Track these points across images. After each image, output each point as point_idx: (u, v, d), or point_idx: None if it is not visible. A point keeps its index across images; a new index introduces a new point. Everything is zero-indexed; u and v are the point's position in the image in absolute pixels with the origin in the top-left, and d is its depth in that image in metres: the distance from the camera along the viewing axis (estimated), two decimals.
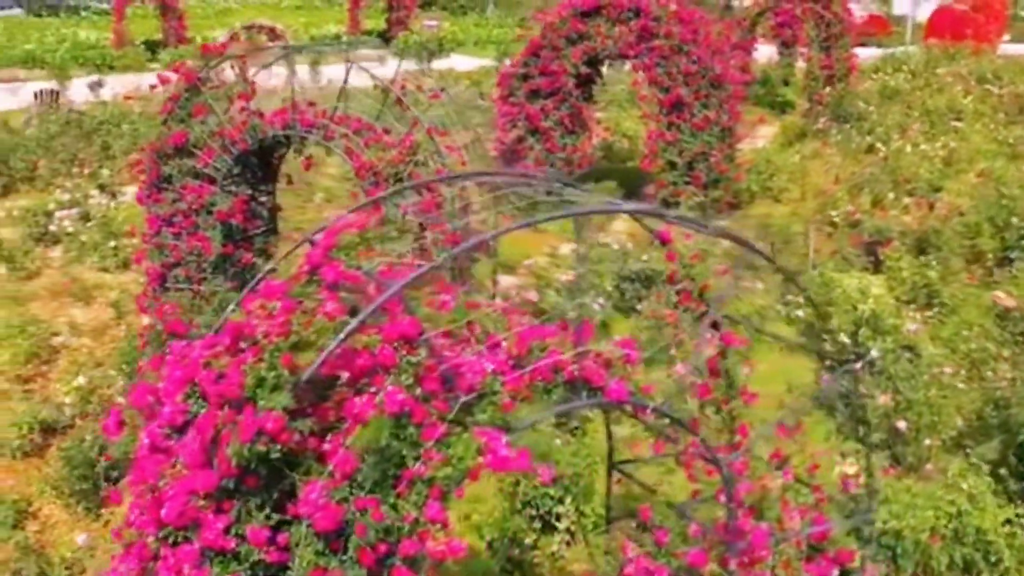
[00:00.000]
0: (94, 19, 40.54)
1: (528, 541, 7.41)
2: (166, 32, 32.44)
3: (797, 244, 12.98)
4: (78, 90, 22.90)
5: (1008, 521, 6.98)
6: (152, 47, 31.97)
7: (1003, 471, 7.62)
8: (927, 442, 8.16)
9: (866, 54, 30.32)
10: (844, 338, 9.42)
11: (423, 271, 3.54)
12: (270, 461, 3.42)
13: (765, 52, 27.05)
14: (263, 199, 9.77)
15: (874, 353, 8.71)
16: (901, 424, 8.12)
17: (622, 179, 16.58)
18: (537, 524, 7.51)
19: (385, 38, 35.21)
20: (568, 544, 7.51)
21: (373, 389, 3.54)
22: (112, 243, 12.87)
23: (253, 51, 15.06)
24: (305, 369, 3.45)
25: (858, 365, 8.70)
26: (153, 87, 8.94)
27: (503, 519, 7.39)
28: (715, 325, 5.30)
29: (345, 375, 3.61)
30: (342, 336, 3.41)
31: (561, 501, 7.49)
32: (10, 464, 8.60)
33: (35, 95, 21.24)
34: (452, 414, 3.58)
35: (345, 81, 8.90)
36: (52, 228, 13.65)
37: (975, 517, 6.76)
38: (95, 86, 22.63)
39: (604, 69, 16.56)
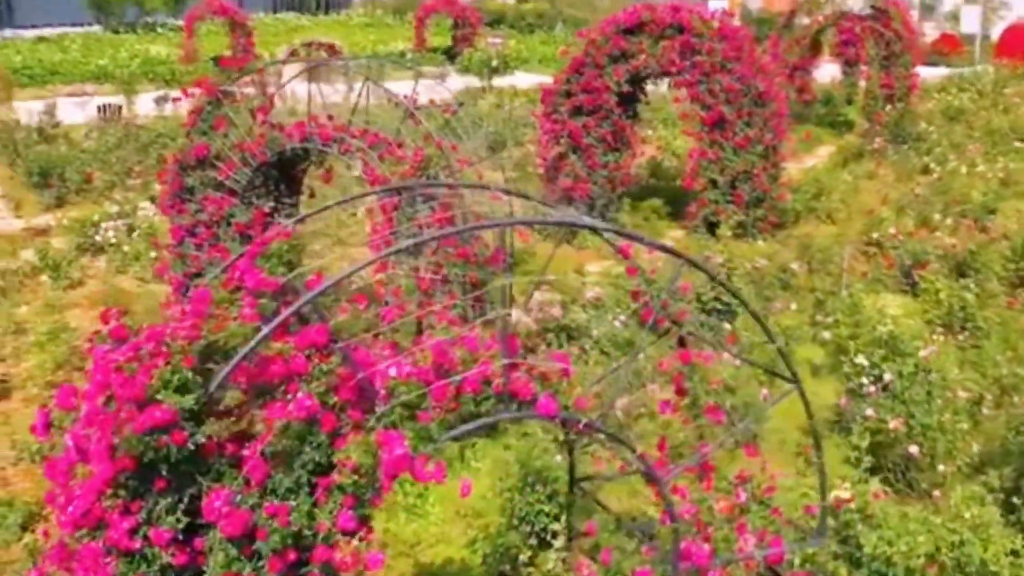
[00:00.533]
0: (169, 36, 41.42)
1: (523, 557, 7.36)
2: (234, 48, 33.03)
3: (836, 265, 12.76)
4: (145, 104, 23.40)
5: (1015, 552, 6.76)
6: (217, 62, 32.56)
7: (1016, 500, 7.39)
8: (941, 468, 7.95)
9: (934, 73, 29.88)
10: (863, 360, 9.23)
11: (337, 279, 3.54)
12: (176, 464, 3.44)
13: (830, 71, 26.79)
14: (286, 211, 9.87)
15: (887, 376, 8.52)
16: (913, 449, 7.92)
17: (669, 197, 16.54)
18: (533, 541, 7.46)
19: (450, 55, 35.50)
20: (564, 562, 7.44)
21: (289, 396, 3.56)
22: (153, 254, 13.10)
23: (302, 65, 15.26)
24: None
25: (872, 388, 8.56)
26: (176, 99, 9.10)
27: (498, 535, 7.36)
28: (682, 342, 5.22)
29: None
30: (252, 343, 3.43)
31: (557, 518, 7.43)
32: (29, 468, 8.77)
33: (99, 109, 21.77)
34: (370, 423, 3.59)
35: (359, 95, 8.96)
36: (98, 239, 13.93)
37: (977, 547, 6.56)
38: (161, 100, 23.12)
39: (653, 87, 16.47)
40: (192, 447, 3.44)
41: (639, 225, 15.58)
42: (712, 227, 14.44)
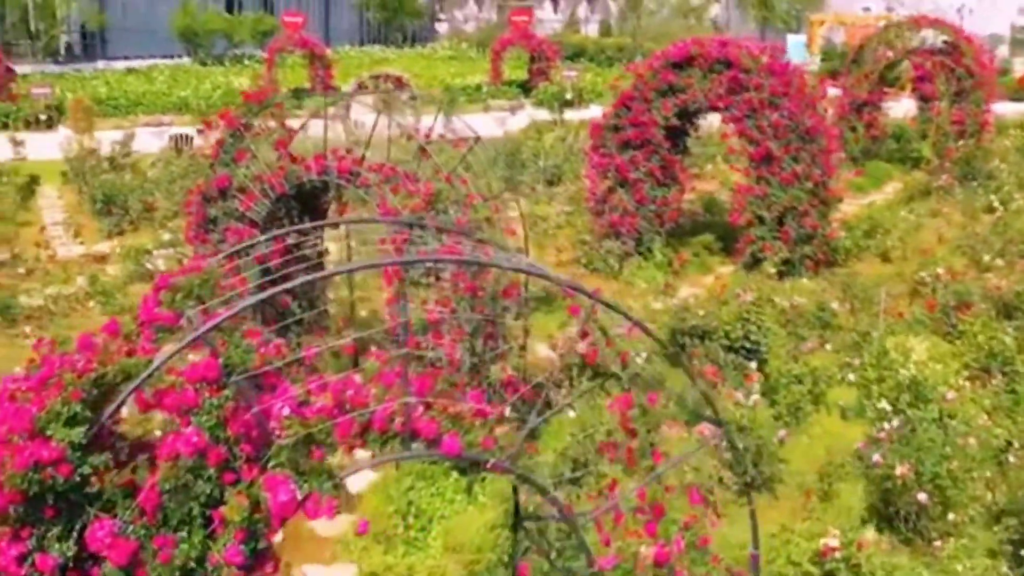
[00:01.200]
0: (255, 67, 42.41)
1: None
2: (313, 80, 33.72)
3: (881, 305, 12.48)
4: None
5: None
6: (299, 95, 33.21)
7: None
8: (951, 517, 7.69)
9: (1017, 110, 29.18)
10: (885, 404, 9.01)
11: (226, 316, 3.58)
12: (64, 494, 3.50)
13: (908, 106, 26.29)
14: (310, 243, 10.01)
15: (895, 422, 8.29)
16: (922, 496, 7.68)
17: (723, 232, 16.36)
18: None
19: (526, 88, 35.73)
20: None
21: (185, 430, 3.60)
22: None
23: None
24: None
25: (882, 433, 8.35)
26: (200, 131, 9.31)
27: (487, 570, 7.33)
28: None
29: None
30: (143, 376, 3.49)
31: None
32: None
33: (171, 139, 22.35)
34: (265, 458, 3.61)
35: (373, 128, 9.07)
36: (149, 266, 14.26)
37: None
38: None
39: (707, 121, 16.39)
40: (79, 478, 3.50)
41: (689, 260, 15.47)
42: (758, 263, 14.25)
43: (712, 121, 16.91)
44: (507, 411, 4.17)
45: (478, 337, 8.57)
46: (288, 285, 4.27)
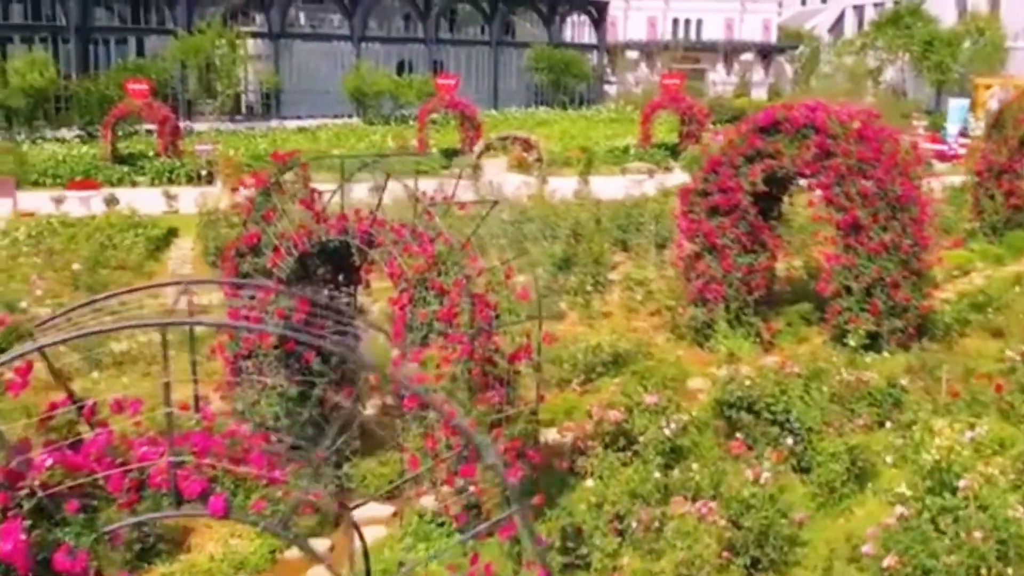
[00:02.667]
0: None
1: None
2: (463, 140, 34.57)
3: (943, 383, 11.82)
4: (359, 191, 24.71)
5: None
6: (448, 154, 34.08)
7: None
8: None
9: None
10: (905, 490, 8.51)
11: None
12: None
13: None
14: (344, 300, 10.27)
15: (899, 509, 7.82)
16: None
17: (819, 301, 15.82)
18: None
19: (674, 151, 35.62)
20: None
21: None
22: None
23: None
24: None
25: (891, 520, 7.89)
26: (234, 190, 9.70)
27: None
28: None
29: None
30: None
31: None
32: None
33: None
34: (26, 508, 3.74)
35: (383, 189, 9.26)
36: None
37: None
38: (375, 189, 24.31)
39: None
40: None
41: (782, 330, 15.05)
42: (845, 336, 13.71)
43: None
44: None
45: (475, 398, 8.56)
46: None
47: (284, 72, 49.93)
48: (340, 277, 10.21)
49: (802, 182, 14.99)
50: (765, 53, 69.34)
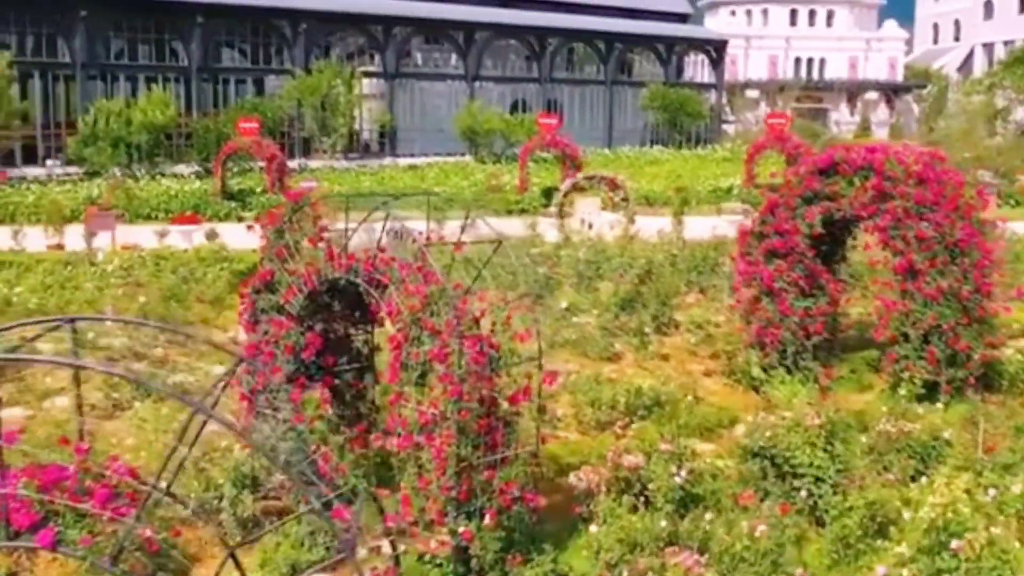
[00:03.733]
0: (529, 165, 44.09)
1: None
2: (564, 179, 34.64)
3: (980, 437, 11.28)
4: (450, 227, 24.83)
5: None
6: (548, 192, 34.18)
7: None
8: None
9: None
10: (903, 549, 8.14)
11: None
12: None
13: None
14: (360, 336, 10.40)
15: (880, 570, 7.48)
16: None
17: (883, 347, 15.30)
18: None
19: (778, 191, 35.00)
20: None
21: None
22: None
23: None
24: None
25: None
26: (250, 227, 9.93)
27: None
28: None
29: None
30: None
31: None
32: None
33: (389, 232, 23.49)
34: None
35: (383, 229, 9.35)
36: None
37: None
38: (465, 227, 24.42)
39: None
40: None
41: (844, 377, 14.62)
42: (900, 384, 13.23)
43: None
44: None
45: (466, 440, 8.54)
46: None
47: (399, 110, 50.93)
48: (356, 314, 10.34)
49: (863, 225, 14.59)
50: (890, 92, 67.84)
